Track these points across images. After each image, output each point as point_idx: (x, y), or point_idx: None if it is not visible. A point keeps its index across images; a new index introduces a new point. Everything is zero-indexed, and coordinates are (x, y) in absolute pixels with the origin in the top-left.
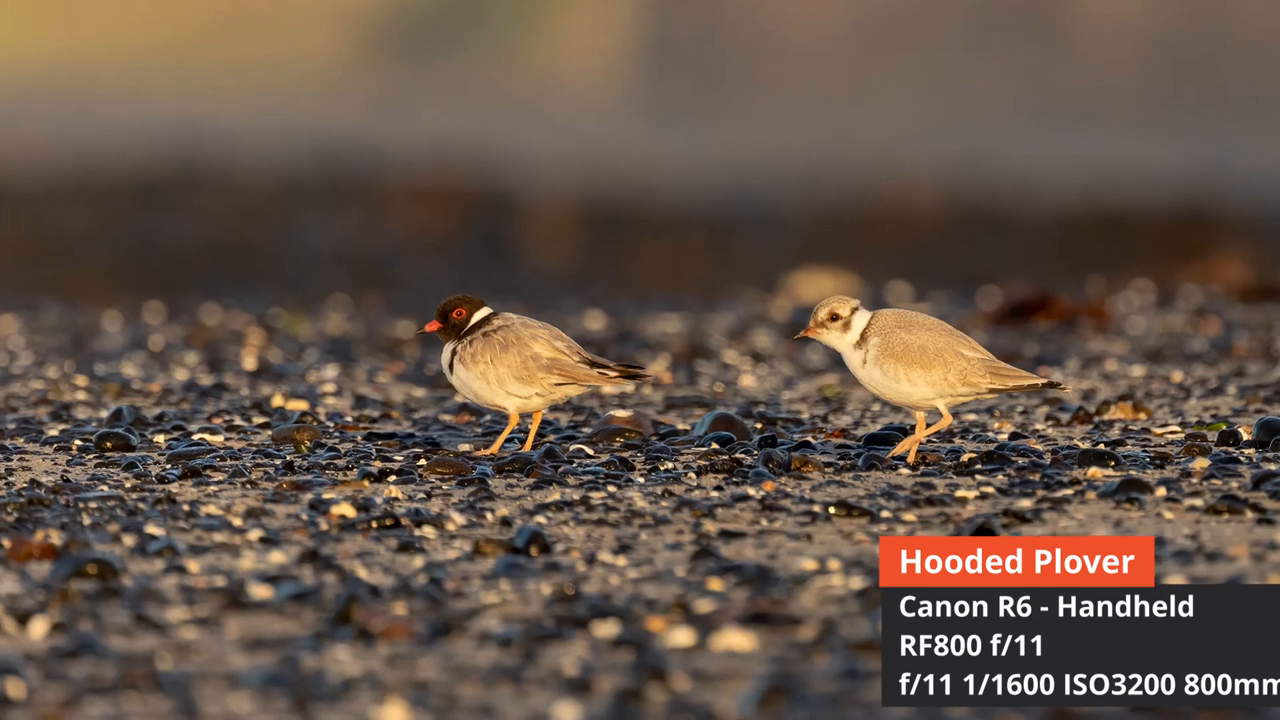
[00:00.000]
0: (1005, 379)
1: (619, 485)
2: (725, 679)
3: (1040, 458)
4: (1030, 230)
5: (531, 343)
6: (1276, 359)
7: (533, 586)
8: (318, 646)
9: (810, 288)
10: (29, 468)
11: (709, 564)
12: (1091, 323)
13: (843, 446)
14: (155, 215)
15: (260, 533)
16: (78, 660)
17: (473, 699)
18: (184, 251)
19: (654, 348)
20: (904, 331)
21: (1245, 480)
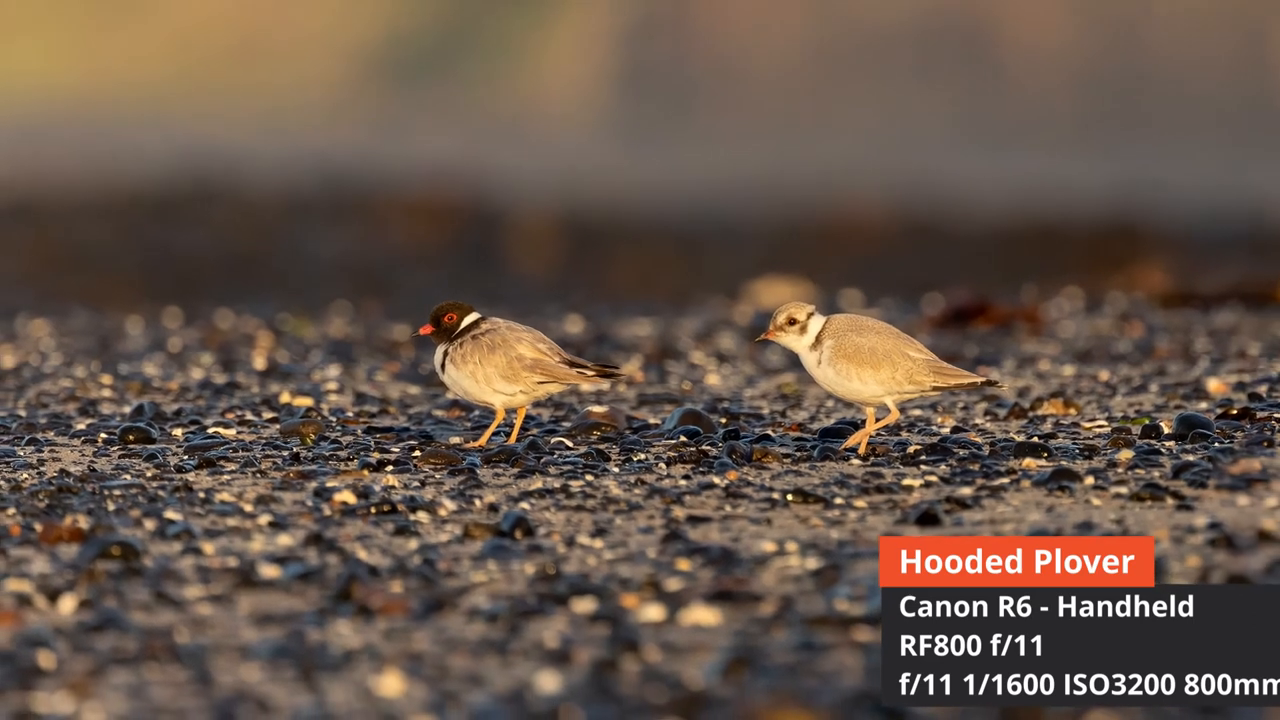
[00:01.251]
0: (947, 378)
1: (596, 474)
2: (692, 651)
3: (979, 449)
4: (970, 242)
5: (516, 344)
6: (1194, 360)
7: (517, 567)
8: (321, 621)
9: (770, 295)
10: (59, 458)
11: (678, 546)
12: (1026, 327)
13: (799, 439)
14: (173, 228)
15: (269, 518)
16: (103, 634)
17: (462, 669)
18: (199, 261)
19: (628, 349)
20: (855, 334)
21: (1166, 470)
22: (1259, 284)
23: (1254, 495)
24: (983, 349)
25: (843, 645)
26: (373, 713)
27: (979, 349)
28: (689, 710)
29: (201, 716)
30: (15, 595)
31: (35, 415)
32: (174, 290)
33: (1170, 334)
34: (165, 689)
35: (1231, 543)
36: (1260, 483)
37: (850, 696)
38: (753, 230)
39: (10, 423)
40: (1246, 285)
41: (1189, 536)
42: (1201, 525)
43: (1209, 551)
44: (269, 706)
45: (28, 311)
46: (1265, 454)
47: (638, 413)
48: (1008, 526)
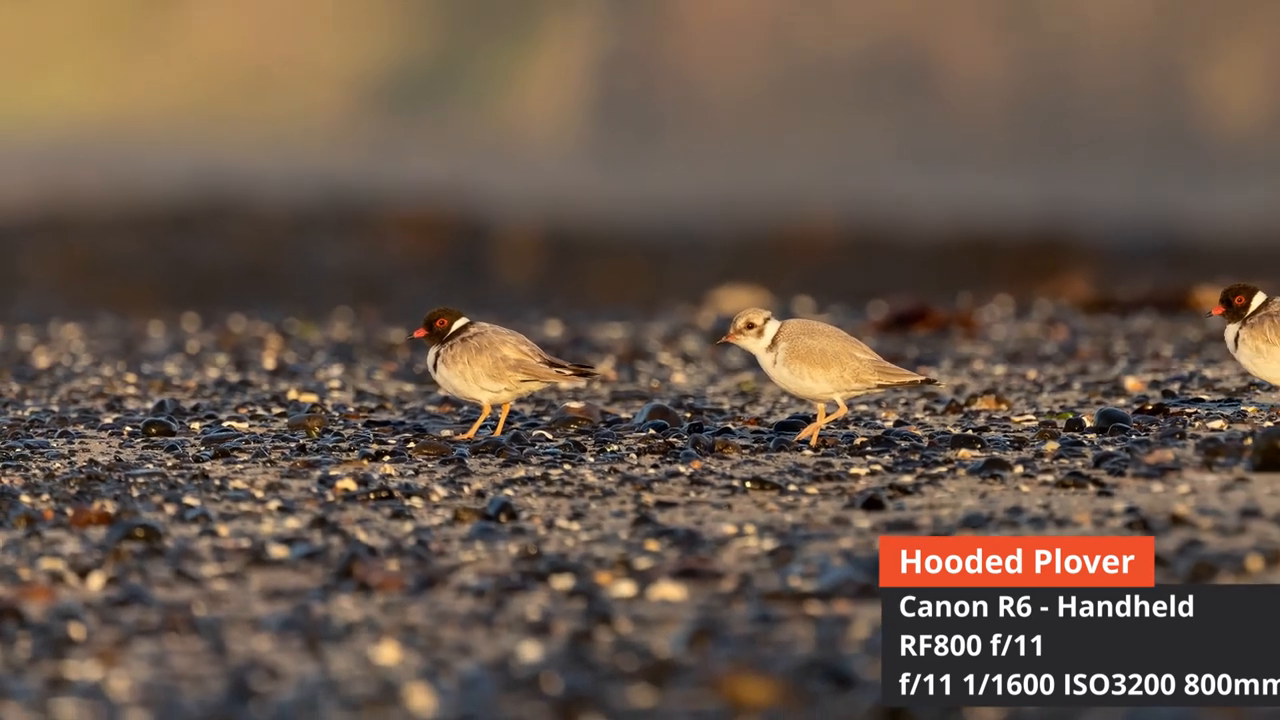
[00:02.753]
0: (891, 377)
1: (573, 464)
2: (660, 623)
3: (919, 441)
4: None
5: (501, 346)
6: (1114, 360)
7: (502, 547)
8: (325, 597)
9: (730, 301)
10: (88, 449)
11: (647, 529)
12: (961, 330)
13: (757, 432)
14: (191, 241)
15: (278, 503)
16: (128, 608)
17: (453, 640)
18: (214, 271)
19: (602, 351)
20: (807, 337)
21: (1088, 460)
22: (1172, 292)
23: (1167, 483)
24: (922, 351)
25: (796, 618)
26: (372, 680)
27: (919, 351)
28: (657, 677)
29: (217, 683)
30: (49, 573)
31: (67, 410)
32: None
33: (1092, 337)
34: (184, 658)
35: (1147, 525)
36: (1173, 471)
37: (803, 664)
38: (714, 243)
39: (44, 417)
40: (1160, 293)
41: (1109, 520)
42: (1120, 510)
43: (1126, 533)
44: (278, 674)
45: (60, 316)
46: (1177, 445)
47: (611, 408)
48: (944, 511)
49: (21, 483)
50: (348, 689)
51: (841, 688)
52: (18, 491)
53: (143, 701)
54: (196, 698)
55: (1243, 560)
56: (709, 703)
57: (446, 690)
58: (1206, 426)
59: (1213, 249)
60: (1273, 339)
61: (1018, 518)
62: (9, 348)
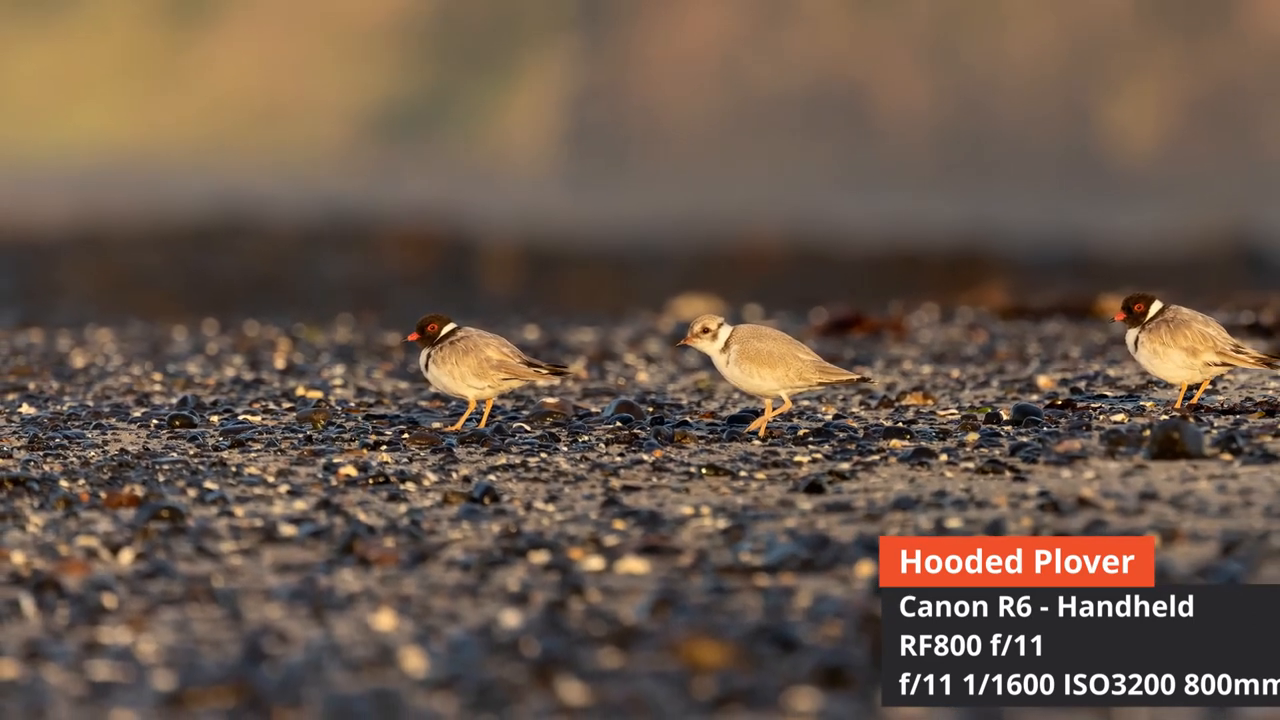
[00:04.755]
0: (830, 375)
1: (549, 452)
2: (626, 594)
3: (855, 432)
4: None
5: (485, 348)
6: (1027, 361)
7: (486, 526)
8: (329, 570)
9: (688, 309)
10: (119, 440)
11: (614, 510)
12: (892, 334)
13: (712, 424)
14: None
15: (287, 487)
16: (154, 580)
17: (442, 608)
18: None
19: (574, 352)
20: (756, 341)
21: (1005, 449)
22: (1079, 300)
23: (1074, 469)
24: (858, 352)
25: (746, 589)
26: (370, 644)
27: (855, 352)
28: (623, 641)
29: (233, 647)
30: (84, 549)
31: (100, 405)
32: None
33: (1008, 340)
34: (204, 624)
35: (1057, 507)
36: (1080, 459)
37: (752, 630)
38: (674, 257)
39: (81, 411)
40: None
41: (1023, 502)
42: (1033, 493)
43: (1039, 514)
44: (287, 638)
45: (94, 322)
46: (1084, 436)
47: (582, 403)
48: (878, 495)
49: (60, 469)
50: (349, 652)
51: (786, 651)
52: (57, 477)
53: (167, 663)
54: (215, 659)
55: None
56: (669, 664)
57: (436, 653)
58: (1110, 419)
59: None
60: (1168, 342)
61: (942, 500)
62: (49, 350)
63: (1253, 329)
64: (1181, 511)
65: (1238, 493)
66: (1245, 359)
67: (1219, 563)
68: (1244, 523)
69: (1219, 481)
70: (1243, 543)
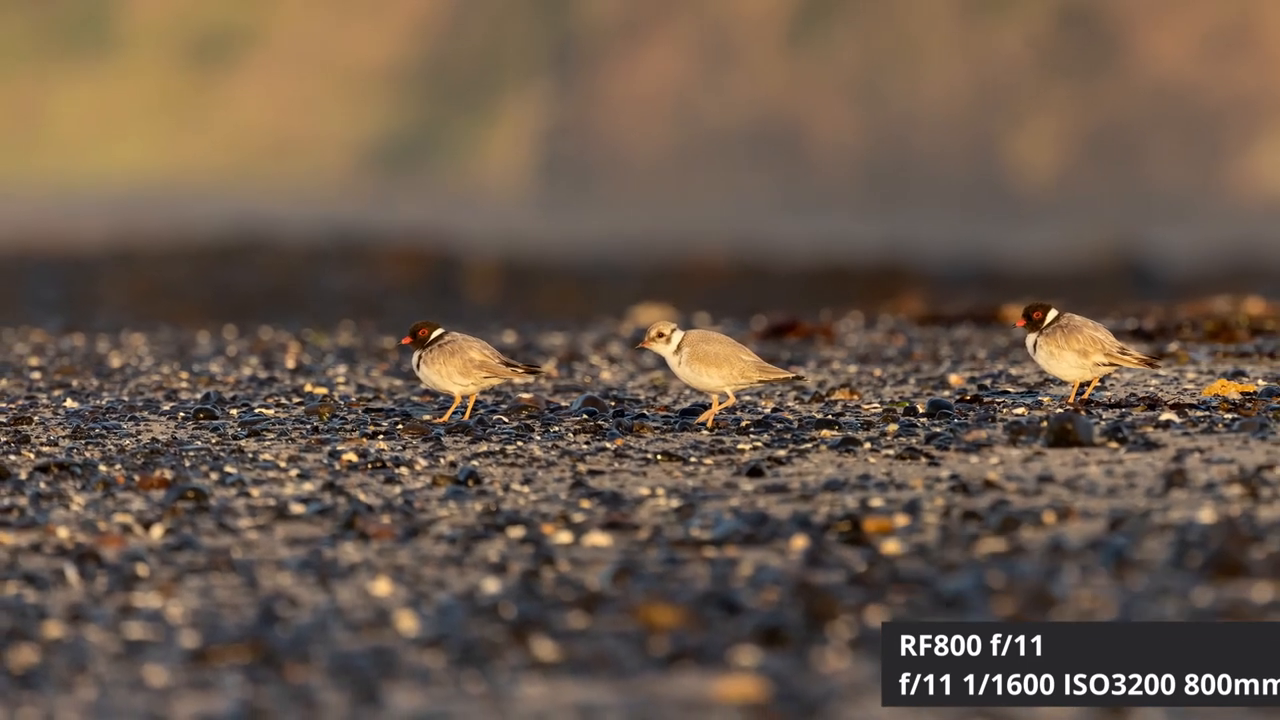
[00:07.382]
0: (769, 374)
1: (524, 441)
2: (592, 564)
3: (791, 423)
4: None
5: (469, 350)
6: (940, 361)
7: (469, 505)
8: (333, 544)
9: (645, 316)
10: (151, 430)
11: (581, 491)
12: (823, 338)
13: (666, 416)
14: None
15: (297, 471)
16: (181, 552)
17: (432, 576)
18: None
19: (547, 354)
20: (705, 344)
21: (921, 438)
22: (986, 309)
23: (981, 456)
24: (793, 354)
25: (696, 560)
26: (369, 608)
27: (791, 354)
28: (589, 605)
29: (250, 610)
30: (120, 525)
31: (134, 400)
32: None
33: (923, 344)
34: (225, 590)
35: (966, 489)
36: (986, 447)
37: (701, 596)
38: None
39: (117, 405)
40: (977, 310)
41: (936, 484)
42: (945, 477)
43: (950, 495)
44: (297, 603)
45: (129, 328)
46: (989, 427)
47: (554, 398)
48: (810, 478)
49: (100, 455)
50: (351, 615)
51: (731, 613)
52: (96, 462)
53: (193, 624)
54: (234, 621)
55: (1040, 515)
56: (629, 625)
57: (426, 615)
58: (1012, 412)
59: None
60: (1063, 345)
61: (866, 483)
62: (90, 351)
63: (1136, 334)
64: (1074, 492)
65: (1123, 476)
66: (1129, 360)
67: (1106, 537)
68: (1129, 502)
69: (1107, 466)
70: (1127, 520)
